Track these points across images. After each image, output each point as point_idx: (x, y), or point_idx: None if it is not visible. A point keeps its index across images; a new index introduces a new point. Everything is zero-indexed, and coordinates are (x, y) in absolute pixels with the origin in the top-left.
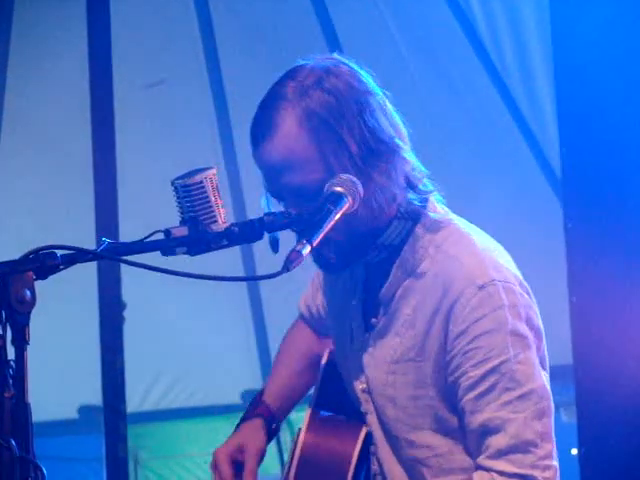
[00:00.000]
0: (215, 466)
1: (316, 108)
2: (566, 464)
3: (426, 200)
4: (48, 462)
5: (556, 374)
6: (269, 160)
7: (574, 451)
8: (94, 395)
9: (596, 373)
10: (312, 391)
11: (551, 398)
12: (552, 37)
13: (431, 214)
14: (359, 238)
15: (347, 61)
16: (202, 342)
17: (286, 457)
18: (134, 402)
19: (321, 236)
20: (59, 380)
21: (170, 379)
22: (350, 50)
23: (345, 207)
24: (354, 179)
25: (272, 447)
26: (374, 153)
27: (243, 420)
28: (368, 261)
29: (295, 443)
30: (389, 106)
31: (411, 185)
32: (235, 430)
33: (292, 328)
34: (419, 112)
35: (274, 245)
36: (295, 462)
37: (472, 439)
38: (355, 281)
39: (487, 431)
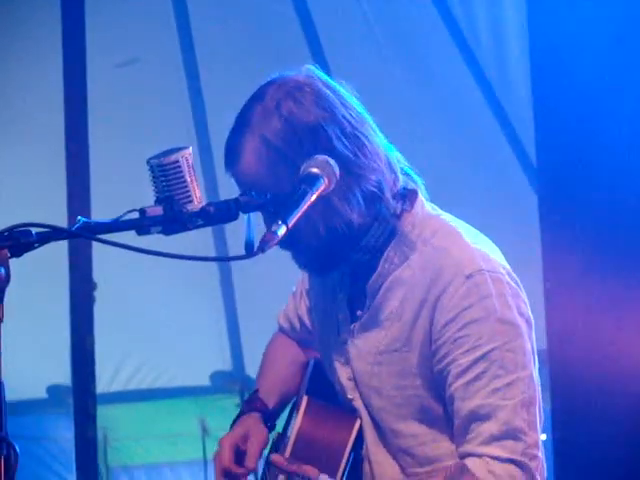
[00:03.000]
0: (217, 453)
1: (272, 139)
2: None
3: (413, 199)
4: (17, 442)
5: None
6: (239, 180)
7: (543, 436)
8: (63, 375)
9: (569, 358)
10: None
11: (538, 388)
12: (529, 27)
13: (419, 211)
14: (341, 240)
15: (318, 74)
16: (172, 323)
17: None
18: (103, 383)
19: (297, 216)
20: (28, 360)
21: (139, 360)
22: (327, 42)
23: (321, 188)
24: (330, 160)
25: None
26: None
27: (241, 414)
28: (353, 261)
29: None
30: (360, 115)
31: (391, 191)
32: (235, 423)
33: (274, 337)
34: (396, 102)
35: (249, 247)
36: (291, 442)
37: (460, 425)
38: (341, 275)
39: (477, 418)
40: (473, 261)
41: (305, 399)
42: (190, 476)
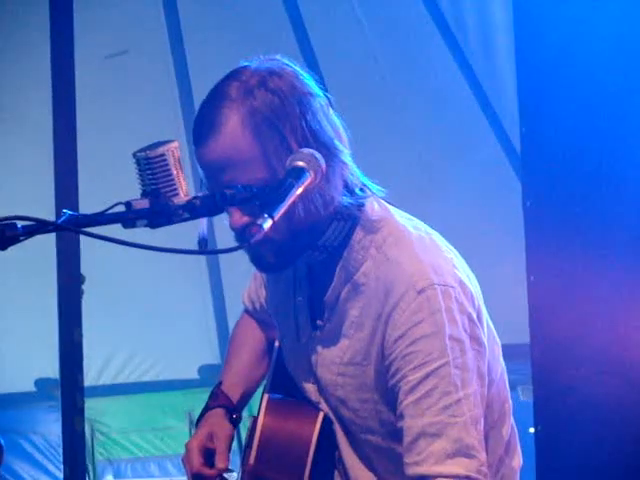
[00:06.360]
0: (186, 457)
1: (260, 107)
2: (524, 442)
3: (363, 204)
4: (5, 435)
5: (513, 353)
6: (213, 159)
7: (532, 430)
8: (52, 369)
9: (552, 352)
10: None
11: (481, 406)
12: (514, 18)
13: (370, 215)
14: (298, 238)
15: (290, 63)
16: (160, 316)
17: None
18: (91, 376)
19: (283, 210)
20: (17, 353)
21: (128, 353)
22: (313, 29)
23: (307, 182)
24: (316, 154)
25: None
26: None
27: (205, 412)
28: (310, 260)
29: (251, 430)
30: (331, 110)
31: (348, 189)
32: (199, 422)
33: (240, 321)
34: (385, 97)
35: (202, 244)
36: (255, 446)
37: (411, 443)
38: (299, 277)
39: (428, 436)
40: (424, 275)
41: (265, 398)
42: (176, 470)
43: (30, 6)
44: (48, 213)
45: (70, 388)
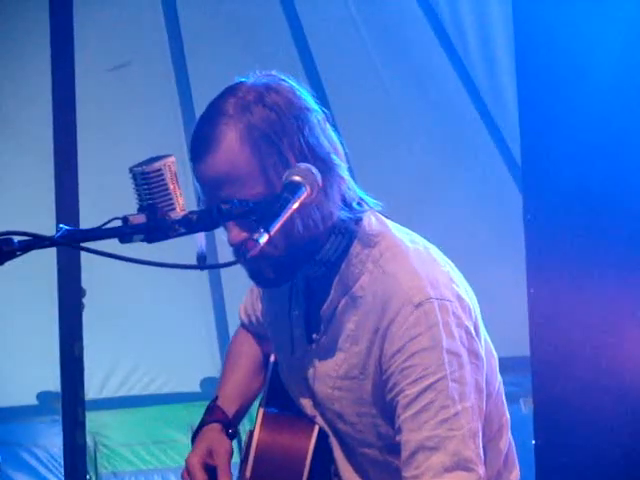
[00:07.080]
0: (188, 473)
1: (257, 123)
2: (528, 455)
3: (360, 218)
4: (7, 448)
5: (515, 365)
6: (210, 175)
7: (532, 442)
8: (54, 382)
9: (553, 364)
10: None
11: (479, 420)
12: (514, 28)
13: (367, 229)
14: (297, 253)
15: (287, 78)
16: (162, 329)
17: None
18: (93, 389)
19: (279, 224)
20: (19, 366)
21: (130, 366)
22: (314, 41)
23: (303, 196)
24: (313, 169)
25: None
26: None
27: (202, 426)
28: (307, 275)
29: (247, 444)
30: (327, 124)
31: (346, 204)
32: (195, 437)
33: (236, 335)
34: (383, 102)
35: (201, 260)
36: (251, 461)
37: (409, 458)
38: (296, 291)
39: (427, 450)
40: (422, 289)
41: (261, 413)
42: None
43: (30, 16)
44: (49, 226)
45: (71, 402)
